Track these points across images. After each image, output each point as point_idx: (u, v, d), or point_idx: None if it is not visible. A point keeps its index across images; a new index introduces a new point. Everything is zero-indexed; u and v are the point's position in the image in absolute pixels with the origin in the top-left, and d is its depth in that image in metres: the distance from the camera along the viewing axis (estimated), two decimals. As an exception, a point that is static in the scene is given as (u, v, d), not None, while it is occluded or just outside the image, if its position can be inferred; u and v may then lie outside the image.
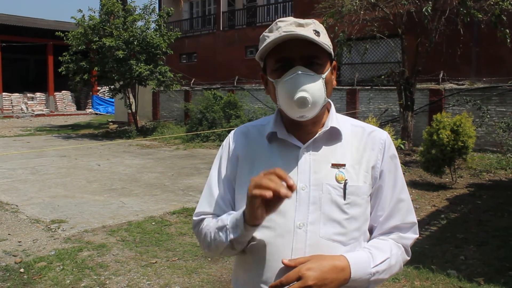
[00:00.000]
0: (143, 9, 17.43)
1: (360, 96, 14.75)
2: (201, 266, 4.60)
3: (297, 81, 1.29)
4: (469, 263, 4.65)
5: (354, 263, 1.26)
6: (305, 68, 1.30)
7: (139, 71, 15.93)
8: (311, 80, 1.30)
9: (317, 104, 1.32)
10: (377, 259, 1.30)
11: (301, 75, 1.29)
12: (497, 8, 9.54)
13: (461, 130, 7.82)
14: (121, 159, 11.83)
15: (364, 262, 1.28)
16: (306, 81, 1.29)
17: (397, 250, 1.38)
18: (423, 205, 6.97)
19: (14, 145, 14.50)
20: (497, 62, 12.59)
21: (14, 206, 6.94)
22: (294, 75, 1.29)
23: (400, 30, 11.49)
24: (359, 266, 1.26)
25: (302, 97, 1.28)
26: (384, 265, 1.31)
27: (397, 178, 1.43)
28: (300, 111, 1.31)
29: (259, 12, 21.44)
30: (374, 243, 1.37)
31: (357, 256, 1.28)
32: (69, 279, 4.30)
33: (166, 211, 6.68)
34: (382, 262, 1.31)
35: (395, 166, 1.44)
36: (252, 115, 15.89)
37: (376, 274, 1.29)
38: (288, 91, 1.30)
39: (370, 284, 1.31)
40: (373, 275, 1.29)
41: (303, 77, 1.29)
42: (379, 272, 1.30)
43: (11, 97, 27.93)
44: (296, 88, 1.28)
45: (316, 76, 1.31)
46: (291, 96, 1.29)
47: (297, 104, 1.29)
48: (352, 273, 1.24)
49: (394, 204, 1.41)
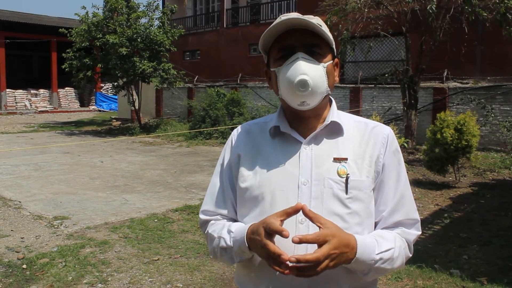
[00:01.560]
0: (146, 6, 17.44)
1: (364, 94, 14.71)
2: (203, 263, 4.60)
3: (298, 65, 1.31)
4: (472, 262, 4.63)
5: (361, 245, 1.24)
6: (306, 54, 1.32)
7: (143, 68, 15.94)
8: (312, 65, 1.32)
9: (318, 90, 1.33)
10: (382, 247, 1.29)
11: (302, 59, 1.31)
12: (502, 6, 9.47)
13: (465, 129, 7.78)
14: (124, 156, 11.84)
15: (370, 247, 1.27)
16: (307, 65, 1.31)
17: (401, 243, 1.36)
18: (427, 204, 6.95)
19: (17, 142, 14.53)
20: (501, 60, 12.53)
21: (17, 202, 6.95)
22: (295, 60, 1.32)
23: (404, 28, 11.45)
24: (365, 249, 1.25)
25: (302, 79, 1.29)
26: (388, 254, 1.30)
27: (401, 173, 1.42)
28: (301, 96, 1.31)
29: (262, 10, 21.39)
30: (380, 232, 1.36)
31: (364, 239, 1.27)
32: (71, 275, 4.30)
33: (168, 208, 6.68)
34: (387, 251, 1.30)
35: (398, 161, 1.43)
36: (255, 112, 15.87)
37: (379, 262, 1.28)
38: (289, 75, 1.31)
39: (371, 271, 1.28)
40: (376, 262, 1.27)
41: (304, 62, 1.31)
42: (382, 259, 1.28)
43: (15, 94, 28.00)
44: (296, 72, 1.30)
45: (317, 63, 1.33)
46: (292, 79, 1.30)
47: (298, 87, 1.30)
48: (357, 254, 1.23)
49: (398, 199, 1.40)
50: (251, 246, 1.28)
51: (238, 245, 1.33)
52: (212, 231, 1.44)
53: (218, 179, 1.51)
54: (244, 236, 1.30)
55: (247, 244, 1.29)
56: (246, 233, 1.29)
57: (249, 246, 1.28)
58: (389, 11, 11.48)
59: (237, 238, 1.33)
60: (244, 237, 1.29)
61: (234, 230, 1.36)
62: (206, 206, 1.51)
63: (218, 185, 1.50)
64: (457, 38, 11.91)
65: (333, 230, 1.19)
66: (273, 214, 1.24)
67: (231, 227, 1.38)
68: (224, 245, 1.37)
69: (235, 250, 1.34)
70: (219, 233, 1.40)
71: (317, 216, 1.22)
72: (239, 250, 1.33)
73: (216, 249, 1.42)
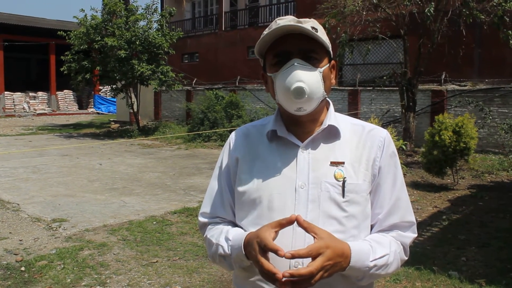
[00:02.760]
0: (145, 9, 17.44)
1: (362, 97, 14.73)
2: (202, 265, 4.60)
3: (294, 72, 1.30)
4: (471, 264, 4.64)
5: (355, 253, 1.25)
6: (302, 60, 1.32)
7: (141, 71, 15.94)
8: (308, 71, 1.32)
9: (314, 96, 1.33)
10: (377, 253, 1.29)
11: (298, 66, 1.31)
12: (500, 9, 9.52)
13: (463, 131, 7.80)
14: (123, 158, 11.83)
15: (364, 254, 1.27)
16: (303, 72, 1.31)
17: (396, 247, 1.36)
18: (425, 206, 6.95)
19: (16, 144, 14.52)
20: (499, 63, 12.57)
21: (15, 205, 6.95)
22: (291, 67, 1.31)
23: (402, 31, 11.48)
24: (359, 257, 1.25)
25: (298, 87, 1.29)
26: (382, 261, 1.30)
27: (397, 176, 1.43)
28: (297, 103, 1.32)
29: (261, 13, 21.43)
30: (375, 237, 1.36)
31: (358, 246, 1.27)
32: (70, 278, 4.29)
33: (167, 211, 6.67)
34: (381, 257, 1.30)
35: (395, 164, 1.43)
36: (254, 115, 15.87)
37: (373, 268, 1.28)
38: (285, 82, 1.31)
39: (365, 277, 1.29)
40: (370, 269, 1.27)
41: (300, 68, 1.31)
42: (376, 266, 1.29)
43: (13, 96, 27.94)
44: (292, 79, 1.30)
45: (313, 69, 1.33)
46: (288, 87, 1.30)
47: (294, 95, 1.30)
48: (351, 263, 1.23)
49: (393, 202, 1.40)
50: (248, 256, 1.28)
51: (236, 254, 1.33)
52: (211, 236, 1.45)
53: (216, 182, 1.52)
54: (241, 246, 1.30)
55: (244, 253, 1.29)
56: (243, 243, 1.30)
57: (246, 256, 1.29)
58: (387, 14, 11.51)
59: (235, 246, 1.33)
60: (242, 246, 1.30)
61: (231, 238, 1.36)
62: (205, 208, 1.52)
63: (216, 188, 1.51)
64: (455, 40, 11.96)
65: (327, 241, 1.19)
66: (267, 225, 1.24)
67: (229, 234, 1.38)
68: (222, 253, 1.38)
69: (233, 258, 1.35)
70: (217, 239, 1.41)
71: (311, 226, 1.22)
72: (237, 258, 1.33)
73: (214, 256, 1.42)
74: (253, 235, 1.26)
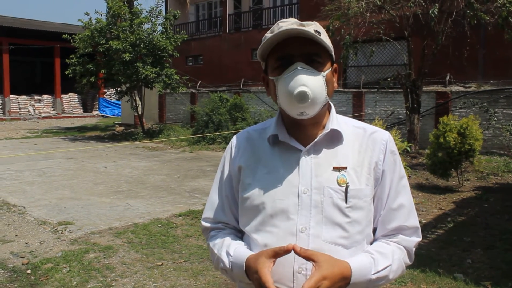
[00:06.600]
0: (149, 11, 17.53)
1: (366, 98, 14.72)
2: (207, 268, 4.61)
3: (297, 77, 1.29)
4: (476, 266, 4.62)
5: (356, 270, 1.25)
6: (305, 64, 1.31)
7: (146, 74, 15.99)
8: (311, 75, 1.30)
9: (317, 101, 1.31)
10: (379, 266, 1.29)
11: (301, 70, 1.29)
12: (504, 10, 9.49)
13: (468, 133, 7.78)
14: (128, 161, 11.87)
15: (366, 268, 1.27)
16: (306, 76, 1.29)
17: (399, 254, 1.36)
18: (430, 208, 6.94)
19: (21, 147, 14.58)
20: (504, 64, 12.53)
21: (21, 208, 6.98)
22: (294, 71, 1.30)
23: (406, 33, 11.47)
24: (360, 272, 1.25)
25: (302, 91, 1.28)
26: (385, 272, 1.30)
27: (400, 179, 1.42)
28: (300, 107, 1.30)
29: (265, 15, 21.45)
30: (378, 247, 1.36)
31: (359, 261, 1.27)
32: (76, 280, 4.31)
33: (172, 213, 6.69)
34: (384, 269, 1.30)
35: (398, 167, 1.42)
36: (258, 117, 15.90)
37: (376, 281, 1.29)
38: (288, 86, 1.30)
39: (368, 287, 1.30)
40: (373, 282, 1.28)
41: (303, 73, 1.29)
42: (379, 278, 1.29)
43: (19, 99, 28.09)
44: (296, 83, 1.29)
45: (316, 73, 1.31)
46: (291, 91, 1.29)
47: (297, 99, 1.28)
48: (352, 280, 1.24)
49: (397, 206, 1.40)
50: (250, 278, 1.29)
51: (237, 271, 1.33)
52: (213, 246, 1.45)
53: (218, 188, 1.52)
54: (243, 266, 1.30)
55: (246, 275, 1.30)
56: (244, 266, 1.30)
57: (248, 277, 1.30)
58: (391, 15, 11.50)
59: (236, 263, 1.34)
60: (243, 267, 1.30)
61: (232, 254, 1.36)
62: (207, 214, 1.52)
63: (218, 194, 1.51)
64: (460, 42, 11.93)
65: (323, 272, 1.19)
66: (264, 256, 1.24)
67: (230, 249, 1.38)
68: (223, 267, 1.38)
69: (235, 274, 1.35)
70: (218, 252, 1.41)
71: (309, 254, 1.22)
72: (238, 276, 1.34)
73: (217, 266, 1.43)
74: (252, 266, 1.26)
